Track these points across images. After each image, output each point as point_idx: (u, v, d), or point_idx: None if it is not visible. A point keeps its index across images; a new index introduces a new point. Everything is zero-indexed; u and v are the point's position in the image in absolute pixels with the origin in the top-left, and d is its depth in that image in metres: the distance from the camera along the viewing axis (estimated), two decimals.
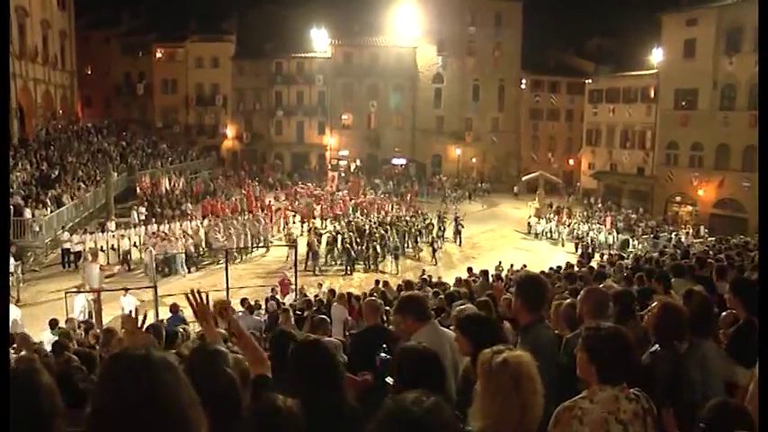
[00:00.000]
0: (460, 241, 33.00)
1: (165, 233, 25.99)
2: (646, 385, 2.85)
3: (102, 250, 22.86)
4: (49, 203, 25.12)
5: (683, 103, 40.34)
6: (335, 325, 11.61)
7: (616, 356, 2.75)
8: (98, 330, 11.48)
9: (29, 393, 2.13)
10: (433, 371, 3.01)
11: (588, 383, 2.82)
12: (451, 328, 4.43)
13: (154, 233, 26.07)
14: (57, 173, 29.10)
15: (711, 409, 2.75)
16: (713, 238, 28.68)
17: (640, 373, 3.12)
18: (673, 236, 33.29)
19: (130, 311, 3.96)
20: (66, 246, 23.40)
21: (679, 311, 3.75)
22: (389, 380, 3.20)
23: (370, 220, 32.05)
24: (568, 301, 5.50)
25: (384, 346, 4.31)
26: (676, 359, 3.54)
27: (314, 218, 33.75)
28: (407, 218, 34.10)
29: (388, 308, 8.42)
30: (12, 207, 22.24)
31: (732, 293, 4.52)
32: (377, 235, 28.39)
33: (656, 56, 43.03)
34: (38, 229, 22.94)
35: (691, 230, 34.41)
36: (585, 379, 2.86)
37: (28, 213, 22.87)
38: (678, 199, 41.22)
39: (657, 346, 3.65)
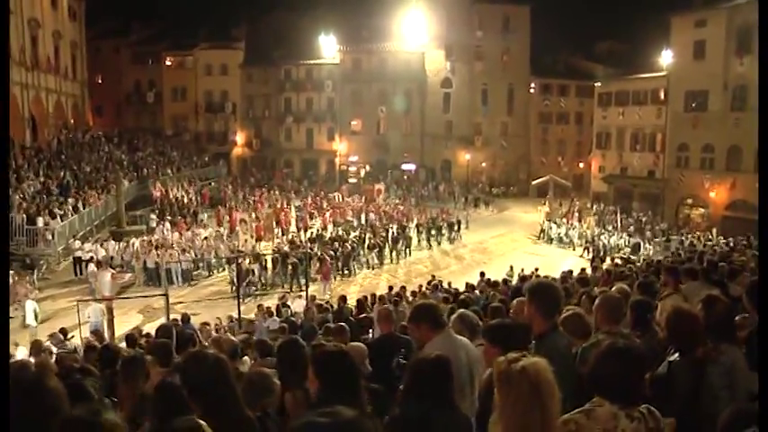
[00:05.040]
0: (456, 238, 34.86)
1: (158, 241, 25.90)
2: (664, 397, 2.79)
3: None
4: (70, 209, 25.38)
5: (694, 105, 40.00)
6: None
7: (614, 374, 2.62)
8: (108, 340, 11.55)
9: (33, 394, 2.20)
10: (441, 382, 3.00)
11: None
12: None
13: (143, 241, 25.85)
14: (68, 181, 29.31)
15: (729, 415, 2.70)
16: (725, 241, 28.43)
17: (650, 390, 3.06)
18: (684, 239, 33.02)
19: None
20: (78, 254, 23.57)
21: (693, 316, 3.69)
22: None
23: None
24: (575, 311, 5.45)
25: (402, 350, 4.30)
26: (696, 367, 3.48)
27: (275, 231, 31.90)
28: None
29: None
30: (24, 216, 22.44)
31: (748, 298, 4.48)
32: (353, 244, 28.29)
33: (666, 58, 42.66)
34: (50, 237, 23.10)
35: (704, 234, 33.89)
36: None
37: (40, 222, 23.02)
38: (690, 201, 40.88)
39: (677, 354, 3.58)
